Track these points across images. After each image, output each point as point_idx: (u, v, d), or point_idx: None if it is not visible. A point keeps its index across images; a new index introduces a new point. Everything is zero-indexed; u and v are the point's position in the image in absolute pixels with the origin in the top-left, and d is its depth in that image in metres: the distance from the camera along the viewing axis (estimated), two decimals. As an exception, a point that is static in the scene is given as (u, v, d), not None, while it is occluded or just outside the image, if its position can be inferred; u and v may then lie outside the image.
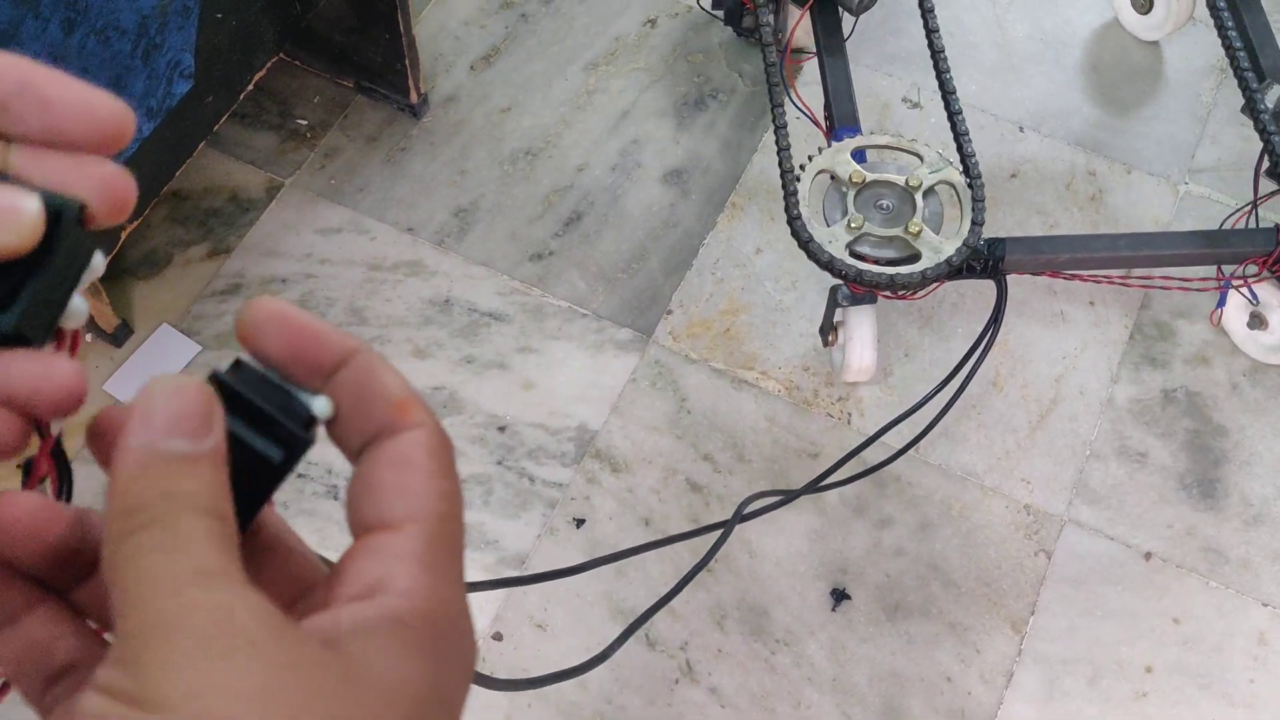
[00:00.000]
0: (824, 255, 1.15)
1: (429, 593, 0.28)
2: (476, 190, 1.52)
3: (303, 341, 0.30)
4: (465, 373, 1.39)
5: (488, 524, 1.30)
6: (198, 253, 1.47)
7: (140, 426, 0.28)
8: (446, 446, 0.30)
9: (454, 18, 1.66)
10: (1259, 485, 1.34)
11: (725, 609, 1.26)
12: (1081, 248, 1.26)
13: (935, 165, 1.19)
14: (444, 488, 0.30)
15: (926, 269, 1.14)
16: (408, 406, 0.30)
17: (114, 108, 0.29)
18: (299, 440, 0.29)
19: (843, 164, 1.20)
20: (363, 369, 0.30)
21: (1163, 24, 1.62)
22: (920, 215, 1.17)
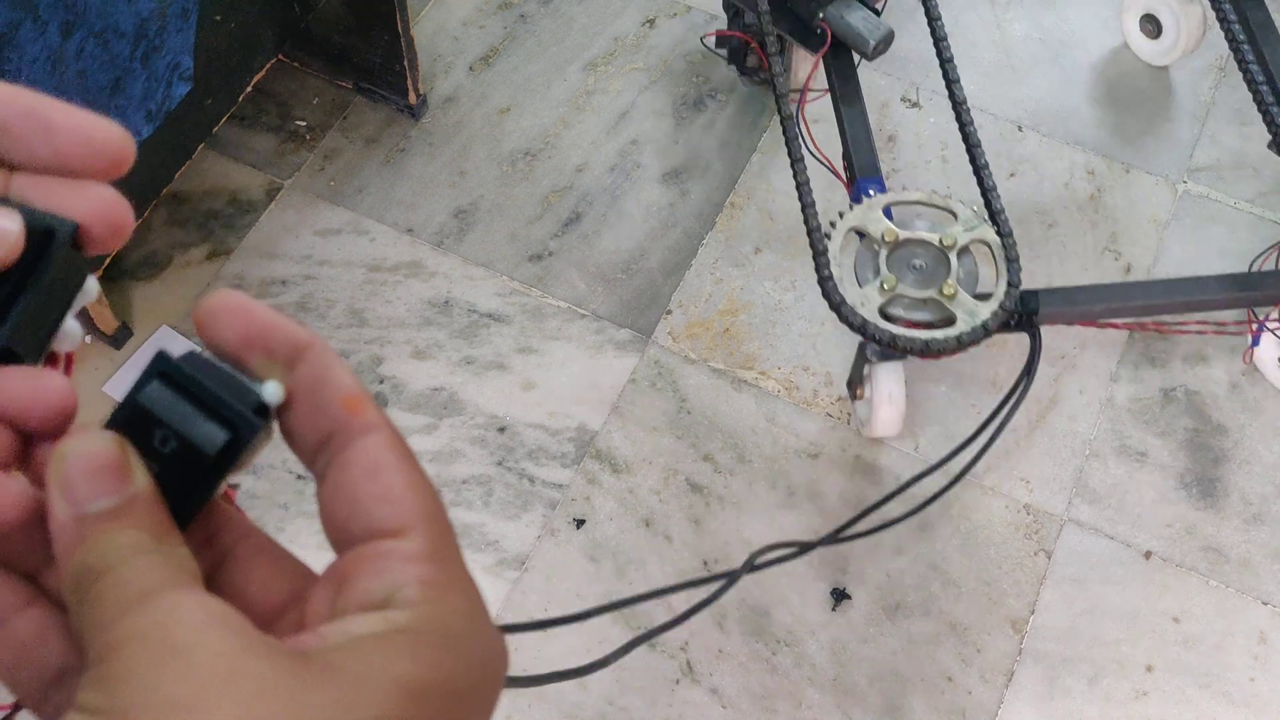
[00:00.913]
0: (856, 319, 1.10)
1: (443, 598, 0.28)
2: (476, 191, 1.52)
3: (257, 332, 0.30)
4: (465, 373, 1.39)
5: (488, 525, 1.30)
6: (197, 255, 1.47)
7: (62, 500, 0.28)
8: (405, 443, 0.30)
9: (453, 18, 1.66)
10: (1258, 484, 1.34)
11: (726, 609, 1.26)
12: (1116, 297, 1.23)
13: (970, 223, 1.15)
14: (424, 485, 0.30)
15: (962, 334, 1.09)
16: (359, 403, 0.30)
17: (114, 134, 0.30)
18: (248, 423, 0.29)
19: (875, 221, 1.15)
20: (317, 363, 0.30)
21: (1171, 50, 1.60)
22: (955, 276, 1.12)
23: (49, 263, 0.29)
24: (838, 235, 1.16)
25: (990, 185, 1.19)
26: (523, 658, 1.23)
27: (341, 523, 0.29)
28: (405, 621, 0.27)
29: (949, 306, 1.11)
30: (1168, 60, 1.63)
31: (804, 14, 1.36)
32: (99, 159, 0.30)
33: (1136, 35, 1.64)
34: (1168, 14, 1.58)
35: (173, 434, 0.29)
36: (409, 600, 0.27)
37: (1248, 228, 1.52)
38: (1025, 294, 1.16)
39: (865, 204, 1.17)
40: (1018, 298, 1.12)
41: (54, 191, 0.29)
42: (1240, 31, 1.30)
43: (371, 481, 0.29)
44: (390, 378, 1.39)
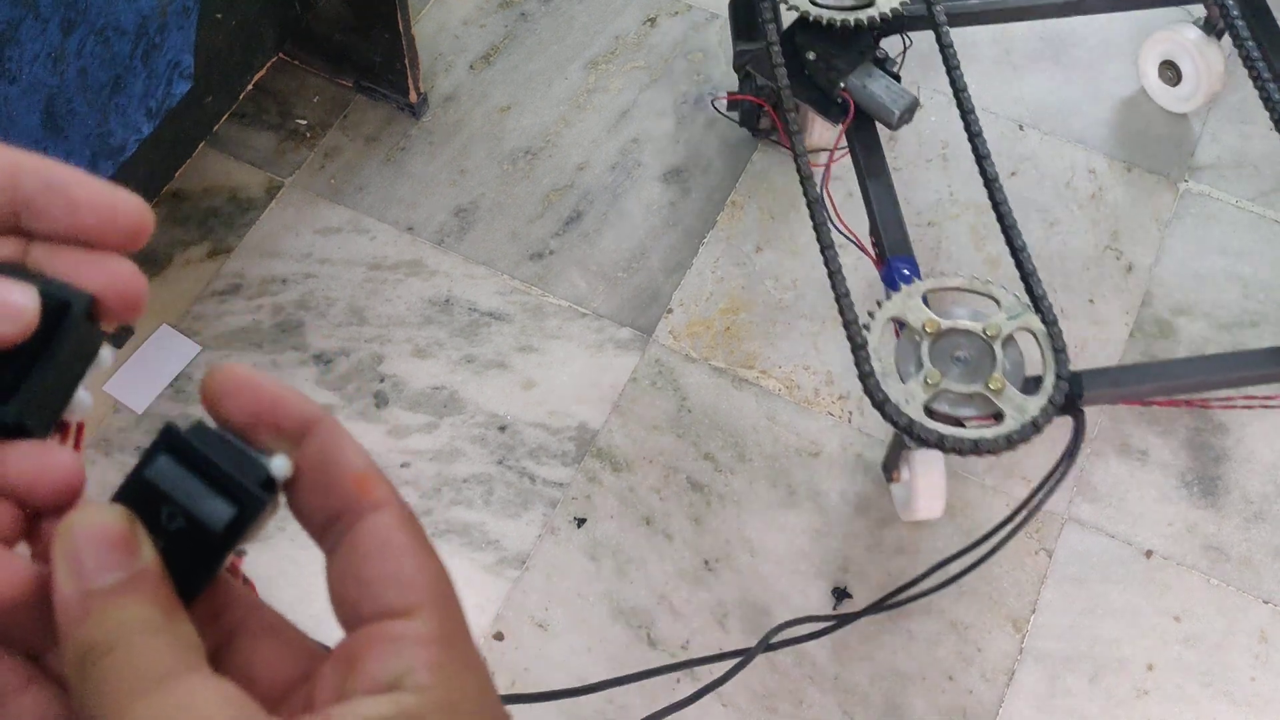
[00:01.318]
0: (903, 419, 1.05)
1: (452, 681, 0.27)
2: (476, 190, 1.52)
3: (266, 408, 0.30)
4: (466, 372, 1.39)
5: (489, 524, 1.30)
6: (197, 253, 1.46)
7: (70, 574, 0.28)
8: (416, 520, 0.30)
9: (454, 17, 1.66)
10: (1259, 483, 1.34)
11: (726, 607, 1.26)
12: (1163, 375, 1.19)
13: (1013, 310, 1.10)
14: (434, 565, 0.29)
15: (1012, 433, 1.04)
16: (369, 481, 0.30)
17: (134, 206, 0.30)
18: (255, 499, 0.29)
19: (914, 310, 1.09)
20: (326, 439, 0.30)
21: (1192, 96, 1.56)
22: (1001, 369, 1.06)
23: (64, 336, 0.29)
24: (876, 327, 1.09)
25: (1030, 269, 1.14)
26: (524, 657, 1.23)
27: (350, 602, 0.29)
28: (414, 705, 0.27)
29: (996, 402, 1.05)
30: (1189, 107, 1.58)
31: (824, 84, 1.29)
32: (118, 232, 0.30)
33: (1155, 83, 1.59)
34: (1187, 60, 1.54)
35: (180, 510, 0.29)
36: (418, 684, 0.27)
37: (1249, 226, 1.51)
38: (1070, 376, 1.09)
39: (904, 292, 1.11)
40: (1065, 389, 1.07)
41: (72, 262, 0.29)
42: (1266, 71, 1.26)
43: (381, 561, 0.29)
44: (391, 376, 1.39)
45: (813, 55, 1.29)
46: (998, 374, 1.06)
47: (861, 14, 1.27)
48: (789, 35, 1.30)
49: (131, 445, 1.33)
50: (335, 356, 1.40)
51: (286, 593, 1.20)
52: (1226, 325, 1.44)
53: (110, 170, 1.23)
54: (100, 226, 0.30)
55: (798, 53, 1.30)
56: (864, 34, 1.29)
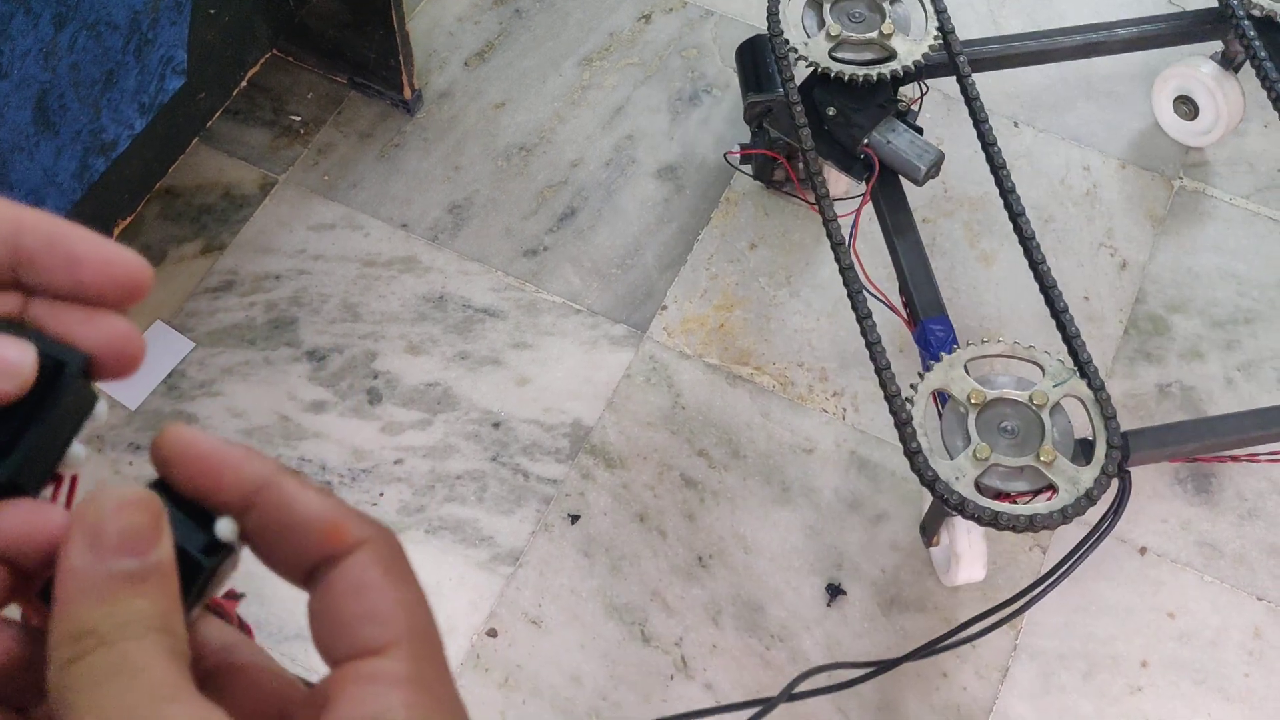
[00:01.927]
0: (954, 497, 1.01)
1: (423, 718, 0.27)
2: (470, 186, 1.52)
3: (211, 473, 0.29)
4: (459, 369, 1.39)
5: (482, 520, 1.30)
6: (191, 249, 1.46)
7: (86, 546, 0.27)
8: (397, 552, 0.30)
9: (448, 13, 1.66)
10: (1254, 480, 1.34)
11: (720, 604, 1.26)
12: (1209, 433, 1.15)
13: (1059, 376, 1.07)
14: (410, 599, 0.29)
15: (1066, 506, 1.01)
16: (339, 528, 0.29)
17: (133, 264, 0.30)
18: (196, 563, 0.29)
19: (958, 381, 1.06)
20: (275, 500, 0.29)
21: (1211, 130, 1.53)
22: (1050, 439, 1.03)
23: (59, 394, 0.29)
24: (920, 400, 1.06)
25: (1074, 333, 1.11)
26: (517, 653, 1.23)
27: (327, 643, 0.29)
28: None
29: (1048, 474, 1.02)
30: (1208, 141, 1.55)
31: (845, 140, 1.26)
32: (118, 290, 0.30)
33: (1170, 117, 1.56)
34: (1204, 95, 1.50)
35: None
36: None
37: (1243, 224, 1.51)
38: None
39: (945, 362, 1.08)
40: (1118, 460, 1.03)
41: (69, 319, 0.29)
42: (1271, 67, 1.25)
43: (355, 602, 0.29)
44: (384, 373, 1.38)
45: (832, 111, 1.25)
46: (1048, 445, 1.03)
47: (885, 68, 1.23)
48: (806, 90, 1.26)
49: (124, 442, 1.33)
50: (328, 353, 1.40)
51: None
52: (1221, 322, 1.44)
53: (103, 166, 1.22)
54: (99, 283, 0.30)
55: (816, 108, 1.26)
56: (884, 86, 1.25)
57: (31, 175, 1.14)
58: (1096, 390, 1.06)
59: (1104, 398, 1.06)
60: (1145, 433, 1.10)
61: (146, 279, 0.30)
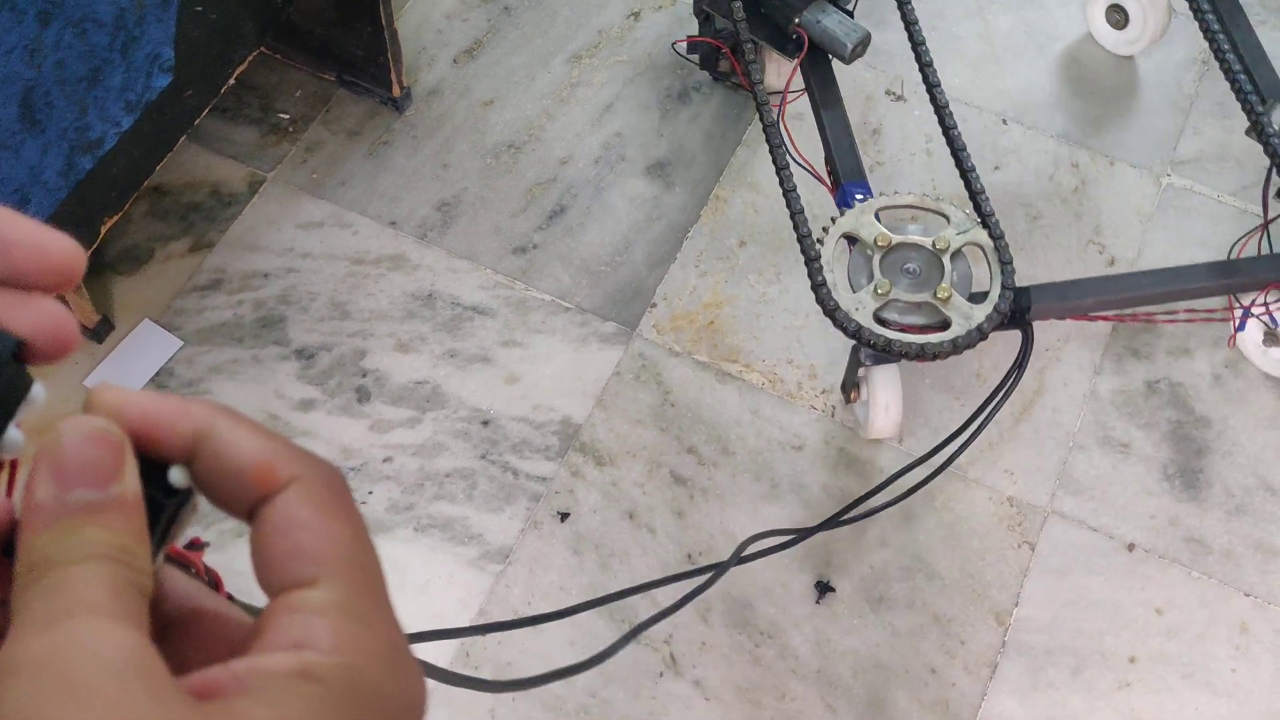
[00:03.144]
0: (851, 324, 1.10)
1: (353, 646, 0.27)
2: (459, 184, 1.51)
3: (147, 433, 0.29)
4: (449, 367, 1.39)
5: (471, 518, 1.30)
6: (179, 248, 1.46)
7: (46, 478, 0.27)
8: (333, 488, 0.30)
9: (437, 10, 1.66)
10: (1241, 475, 1.35)
11: (709, 601, 1.26)
12: (1106, 290, 1.24)
13: (962, 226, 1.16)
14: (341, 534, 0.29)
15: (958, 337, 1.10)
16: (268, 469, 0.29)
17: (65, 248, 0.30)
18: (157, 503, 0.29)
19: (867, 226, 1.16)
20: (211, 447, 0.30)
21: (1138, 39, 1.60)
22: (949, 279, 1.12)
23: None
24: (830, 241, 1.15)
25: (979, 188, 1.19)
26: (509, 652, 1.23)
27: (264, 579, 0.29)
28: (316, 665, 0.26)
29: (943, 310, 1.11)
30: (1134, 50, 1.63)
31: (779, 20, 1.35)
32: (51, 274, 0.30)
33: (1102, 25, 1.64)
34: (1134, 4, 1.58)
35: None
36: (319, 649, 0.27)
37: (1230, 220, 1.52)
38: (1017, 291, 1.16)
39: (857, 209, 1.17)
40: (1011, 299, 1.12)
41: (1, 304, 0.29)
42: (1213, 19, 1.31)
43: (284, 538, 0.29)
44: (373, 371, 1.38)
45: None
46: (945, 284, 1.12)
47: None
48: None
49: (112, 440, 1.33)
50: (317, 351, 1.39)
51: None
52: (1208, 318, 1.44)
53: (90, 164, 1.22)
54: (33, 269, 0.29)
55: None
56: None
57: (17, 173, 1.14)
58: (996, 239, 1.15)
59: (1002, 245, 1.14)
60: (1047, 288, 1.20)
61: (79, 263, 0.30)
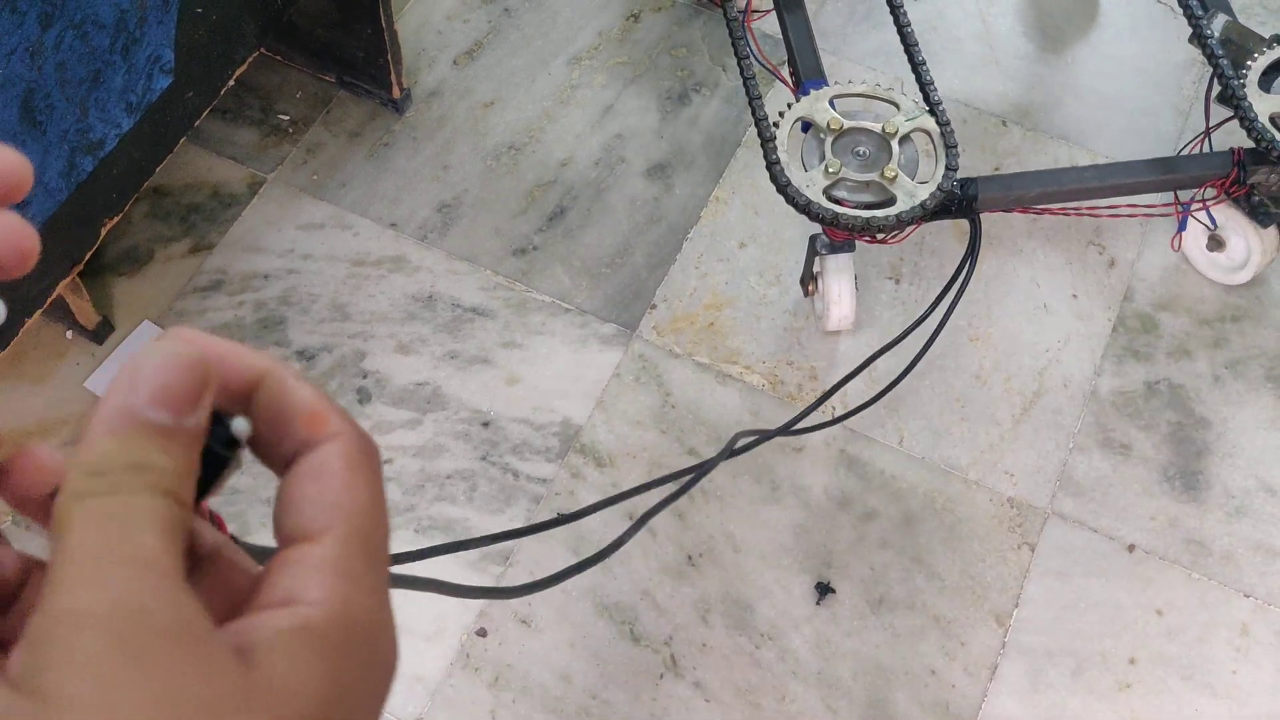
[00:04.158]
0: (801, 199, 1.17)
1: (342, 600, 0.28)
2: (460, 185, 1.51)
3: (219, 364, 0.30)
4: (449, 368, 1.39)
5: (472, 520, 1.30)
6: (179, 249, 1.46)
7: (126, 389, 0.27)
8: (368, 453, 0.30)
9: (437, 12, 1.66)
10: (1241, 477, 1.35)
11: (710, 603, 1.26)
12: (1050, 182, 1.30)
13: (911, 113, 1.22)
14: (360, 496, 0.30)
15: (901, 212, 1.16)
16: (321, 417, 0.30)
17: (11, 161, 0.30)
18: (218, 457, 0.30)
19: (821, 111, 1.22)
20: (275, 388, 0.30)
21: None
22: (896, 161, 1.19)
23: None
24: (785, 123, 1.22)
25: (928, 79, 1.25)
26: (508, 653, 1.23)
27: (279, 524, 0.30)
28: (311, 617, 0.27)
29: (890, 188, 1.18)
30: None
31: None
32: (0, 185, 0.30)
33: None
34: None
35: None
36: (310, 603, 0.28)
37: (1231, 222, 1.52)
38: (964, 181, 1.23)
39: (812, 95, 1.23)
40: (956, 181, 1.19)
41: None
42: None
43: (308, 485, 0.29)
44: (374, 372, 1.38)
45: None
46: (892, 164, 1.18)
47: None
48: None
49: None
50: (318, 353, 1.39)
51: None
52: (1208, 320, 1.45)
53: (90, 165, 1.22)
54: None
55: None
56: None
57: (18, 175, 1.14)
58: (943, 125, 1.21)
59: (948, 131, 1.20)
60: (993, 179, 1.26)
61: (24, 173, 0.30)
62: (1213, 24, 1.35)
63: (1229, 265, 1.43)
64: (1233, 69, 1.30)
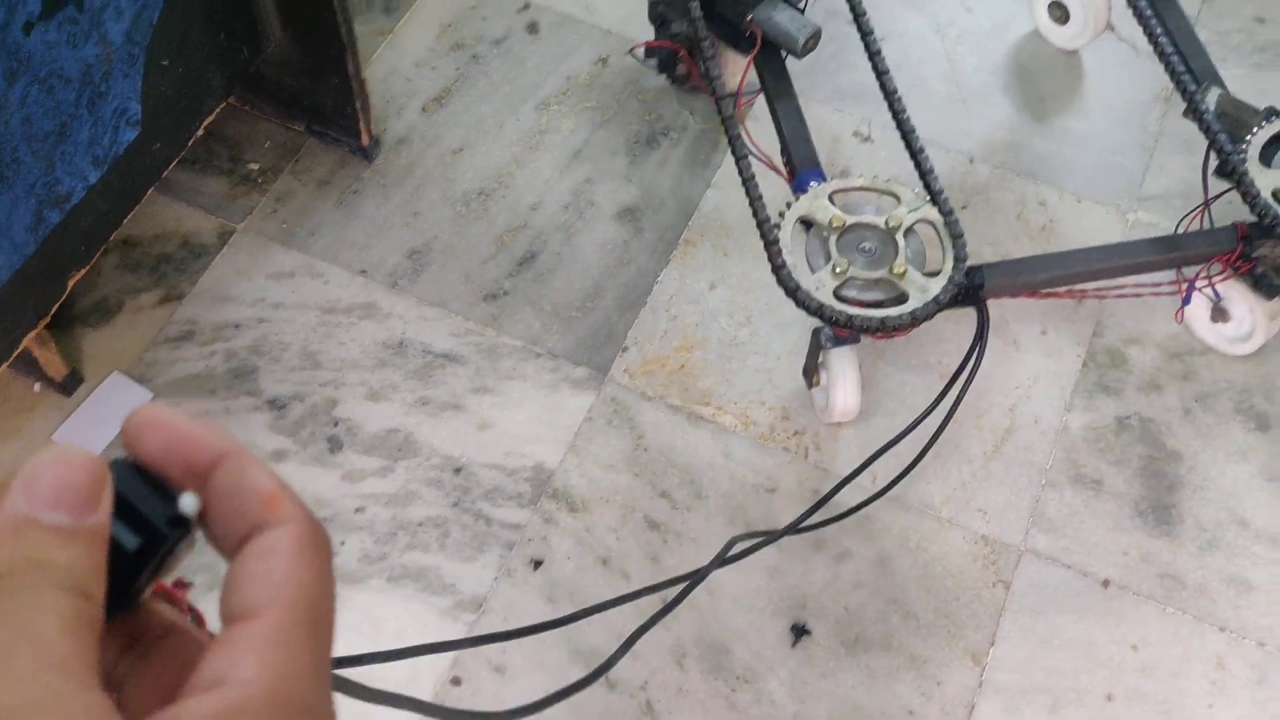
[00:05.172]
0: (813, 302, 1.14)
1: (276, 677, 0.28)
2: (430, 231, 1.52)
3: (179, 443, 0.31)
4: (420, 415, 1.38)
5: (444, 567, 1.29)
6: (149, 299, 1.45)
7: (23, 494, 0.28)
8: (319, 542, 0.31)
9: (406, 60, 1.67)
10: (1212, 510, 1.35)
11: (685, 647, 1.26)
12: (1056, 266, 1.28)
13: (913, 204, 1.19)
14: (305, 576, 0.30)
15: (915, 310, 1.13)
16: (276, 500, 0.31)
17: None
18: (160, 534, 0.30)
19: (821, 209, 1.19)
20: (234, 469, 0.31)
21: (1080, 34, 1.66)
22: (903, 256, 1.16)
23: None
24: (787, 224, 1.19)
25: (928, 168, 1.23)
26: (481, 701, 1.22)
27: (224, 605, 0.30)
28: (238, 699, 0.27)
29: (900, 285, 1.15)
30: (1076, 44, 1.68)
31: (732, 18, 1.41)
32: None
33: (1046, 22, 1.69)
34: (1075, 1, 1.64)
35: None
36: (241, 680, 0.27)
37: (1197, 256, 1.53)
38: (970, 269, 1.20)
39: (811, 193, 1.21)
40: (964, 270, 1.17)
41: None
42: (1146, 6, 1.37)
43: (256, 564, 0.30)
44: (345, 420, 1.38)
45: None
46: (900, 260, 1.15)
47: None
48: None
49: (81, 495, 1.32)
50: (289, 401, 1.39)
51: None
52: (1177, 354, 1.45)
53: (57, 218, 1.22)
54: None
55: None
56: None
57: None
58: (946, 215, 1.18)
59: (953, 221, 1.18)
60: (999, 266, 1.24)
61: None
62: (1206, 98, 1.35)
63: (1235, 336, 1.42)
64: (1231, 143, 1.28)
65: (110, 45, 1.18)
